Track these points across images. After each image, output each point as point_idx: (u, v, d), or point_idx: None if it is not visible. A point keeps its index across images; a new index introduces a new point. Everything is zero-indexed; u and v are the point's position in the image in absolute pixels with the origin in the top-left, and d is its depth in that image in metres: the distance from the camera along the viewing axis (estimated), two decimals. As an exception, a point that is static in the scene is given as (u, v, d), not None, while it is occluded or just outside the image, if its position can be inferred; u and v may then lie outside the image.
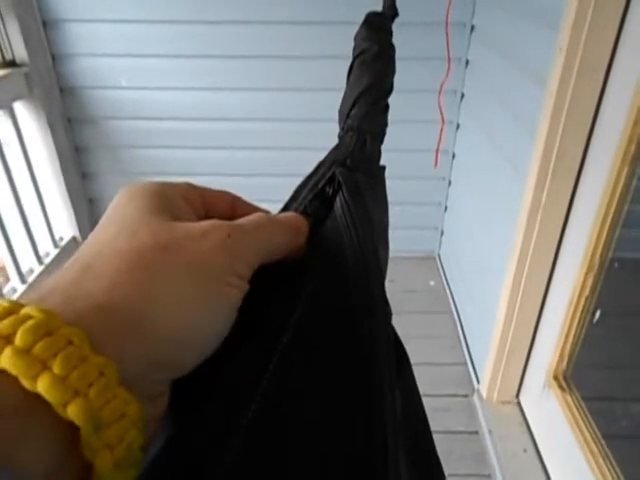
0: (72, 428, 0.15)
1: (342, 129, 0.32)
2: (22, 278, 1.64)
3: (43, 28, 1.67)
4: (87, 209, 1.99)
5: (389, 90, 0.33)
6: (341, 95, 0.34)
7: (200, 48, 1.75)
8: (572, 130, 1.02)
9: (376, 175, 0.31)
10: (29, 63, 1.61)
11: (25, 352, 0.15)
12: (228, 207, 0.24)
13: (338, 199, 0.27)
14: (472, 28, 1.68)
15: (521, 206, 1.17)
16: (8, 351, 0.14)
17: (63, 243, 1.88)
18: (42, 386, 0.14)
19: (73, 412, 0.15)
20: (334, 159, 0.29)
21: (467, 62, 1.74)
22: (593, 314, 1.11)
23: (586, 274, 1.07)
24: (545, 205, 1.11)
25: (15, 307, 0.16)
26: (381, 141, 0.33)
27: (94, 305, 0.17)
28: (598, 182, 1.01)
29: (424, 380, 0.26)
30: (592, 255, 1.05)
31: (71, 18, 1.69)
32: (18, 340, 0.15)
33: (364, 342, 0.22)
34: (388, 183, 0.32)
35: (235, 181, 1.94)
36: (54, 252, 1.82)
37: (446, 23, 1.14)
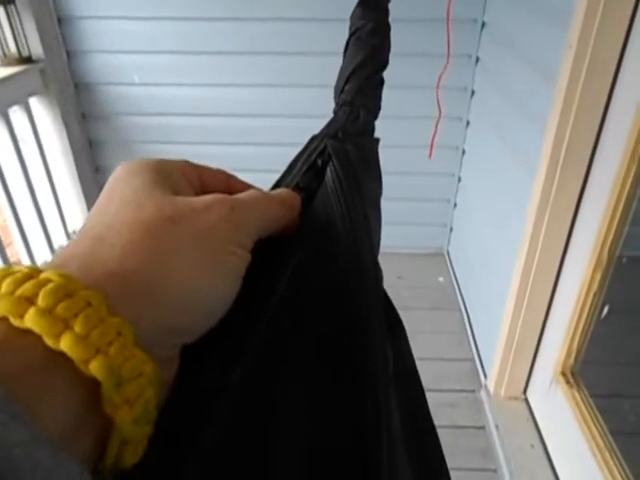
0: (92, 385, 0.16)
1: (337, 104, 0.33)
2: (37, 271, 1.67)
3: (58, 25, 1.70)
4: (100, 203, 2.02)
5: (384, 65, 0.34)
6: None
7: (212, 45, 1.77)
8: (581, 127, 1.02)
9: (368, 146, 0.31)
10: (45, 59, 1.64)
11: (48, 312, 0.15)
12: (223, 185, 0.25)
13: (328, 169, 0.28)
14: (483, 25, 1.68)
15: (530, 202, 1.17)
16: (32, 311, 0.15)
17: (76, 236, 1.91)
18: (65, 344, 0.15)
19: (95, 368, 0.15)
20: (326, 132, 0.30)
21: (477, 59, 1.74)
22: (601, 310, 1.12)
23: (594, 270, 1.07)
24: (554, 201, 1.11)
25: (34, 272, 0.17)
26: (375, 115, 0.33)
27: (109, 272, 0.18)
28: (607, 179, 1.01)
29: (431, 375, 0.27)
30: (601, 251, 1.05)
31: (86, 15, 1.71)
32: (40, 301, 0.15)
33: (353, 303, 0.23)
34: (398, 179, 0.33)
35: (246, 177, 1.95)
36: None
37: (447, 17, 1.16)
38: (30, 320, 0.15)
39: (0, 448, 0.12)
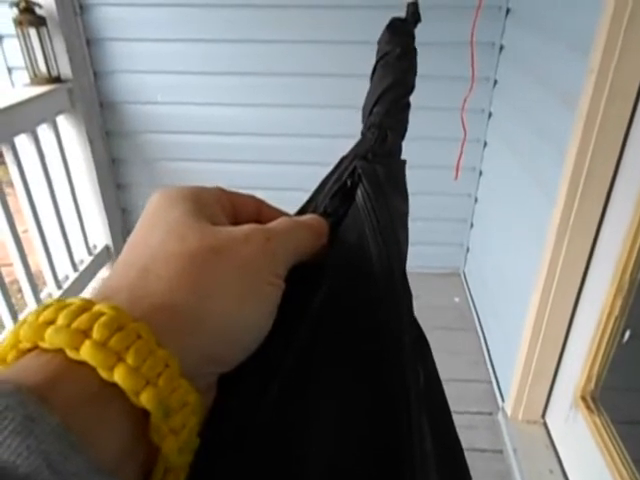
0: (141, 415, 0.16)
1: (365, 126, 0.33)
2: (58, 284, 1.70)
3: (87, 46, 1.76)
4: (120, 219, 2.06)
5: (410, 89, 0.35)
6: None
7: (233, 65, 1.81)
8: (602, 151, 1.03)
9: (396, 167, 0.32)
10: (73, 79, 1.69)
11: (102, 345, 0.16)
12: (254, 210, 0.26)
13: (359, 190, 0.28)
14: (501, 48, 1.70)
15: (549, 225, 1.17)
16: (88, 344, 0.16)
17: (97, 251, 1.94)
18: (119, 376, 0.16)
19: (145, 399, 0.16)
20: (356, 153, 0.31)
21: (495, 82, 1.75)
22: (622, 335, 1.10)
23: (615, 294, 1.06)
24: (574, 224, 1.11)
25: (88, 304, 0.17)
26: (402, 137, 0.34)
27: (156, 305, 0.18)
28: (628, 203, 1.01)
29: (448, 397, 0.27)
30: (622, 275, 1.04)
31: (113, 37, 1.77)
32: (95, 334, 0.16)
33: (386, 322, 0.24)
34: (415, 199, 0.33)
35: (267, 195, 1.97)
36: (88, 260, 1.88)
37: (471, 42, 1.19)
38: (86, 353, 0.16)
39: (58, 477, 0.13)
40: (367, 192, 0.28)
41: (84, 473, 0.13)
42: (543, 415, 1.38)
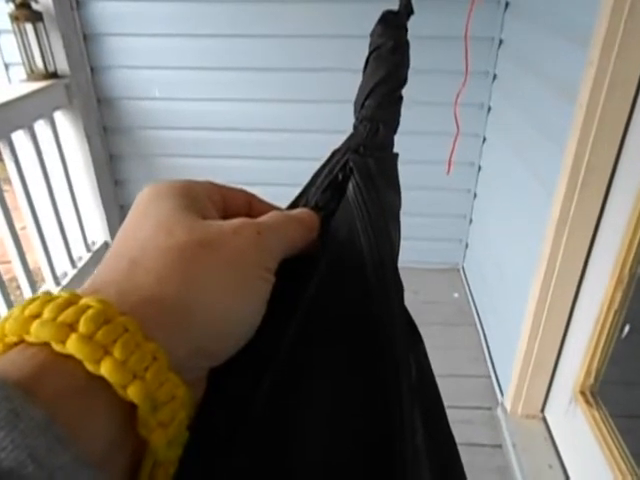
0: (129, 409, 0.16)
1: (357, 119, 0.33)
2: (56, 281, 1.70)
3: (84, 42, 1.75)
4: (118, 215, 2.05)
5: (403, 82, 0.34)
6: None
7: (231, 61, 1.81)
8: (602, 143, 1.02)
9: (388, 161, 0.32)
10: (70, 75, 1.68)
11: (88, 338, 0.16)
12: (244, 204, 0.26)
13: (350, 183, 0.28)
14: (500, 42, 1.69)
15: (548, 219, 1.17)
16: (74, 337, 0.16)
17: (95, 248, 1.94)
18: (105, 369, 0.16)
19: (133, 393, 0.16)
20: (348, 147, 0.31)
21: (494, 76, 1.75)
22: (622, 329, 1.10)
23: (615, 288, 1.06)
24: (573, 218, 1.10)
25: (74, 298, 0.17)
26: (395, 130, 0.34)
27: (144, 298, 0.18)
28: (628, 195, 1.01)
29: (446, 391, 0.27)
30: (622, 269, 1.04)
31: (110, 32, 1.76)
32: (82, 327, 0.16)
33: (378, 315, 0.23)
34: (414, 195, 0.33)
35: (261, 191, 1.97)
36: (87, 256, 1.88)
37: (465, 36, 1.18)
38: (72, 346, 0.16)
39: (43, 471, 0.13)
40: (358, 185, 0.28)
41: (70, 466, 0.13)
42: (542, 410, 1.38)
